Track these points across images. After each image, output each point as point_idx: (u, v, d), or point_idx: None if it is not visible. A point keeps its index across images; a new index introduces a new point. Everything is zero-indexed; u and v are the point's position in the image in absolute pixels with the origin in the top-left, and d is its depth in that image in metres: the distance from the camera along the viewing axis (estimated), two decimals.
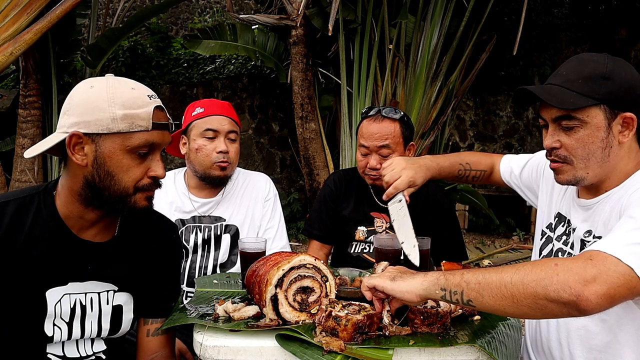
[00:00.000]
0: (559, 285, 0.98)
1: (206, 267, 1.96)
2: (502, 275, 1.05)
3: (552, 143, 1.28)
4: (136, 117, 1.17)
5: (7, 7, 4.12)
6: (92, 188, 1.20)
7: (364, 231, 2.04)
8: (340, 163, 5.44)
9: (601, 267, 0.99)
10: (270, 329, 1.21)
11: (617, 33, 6.91)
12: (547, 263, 1.03)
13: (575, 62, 1.28)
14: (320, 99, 5.65)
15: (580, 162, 1.25)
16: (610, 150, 1.23)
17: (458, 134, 7.12)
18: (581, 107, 1.21)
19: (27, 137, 4.87)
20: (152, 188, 1.25)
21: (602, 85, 1.21)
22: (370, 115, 1.98)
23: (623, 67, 1.24)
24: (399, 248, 1.62)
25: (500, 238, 5.90)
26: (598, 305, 0.97)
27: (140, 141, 1.18)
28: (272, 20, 5.37)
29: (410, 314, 1.22)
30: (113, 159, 1.18)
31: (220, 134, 1.91)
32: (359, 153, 2.00)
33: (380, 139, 1.92)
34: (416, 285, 1.13)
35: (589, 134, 1.22)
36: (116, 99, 1.16)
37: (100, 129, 1.16)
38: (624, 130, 1.23)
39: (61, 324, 1.27)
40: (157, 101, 1.23)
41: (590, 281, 0.97)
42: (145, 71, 7.01)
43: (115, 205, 1.23)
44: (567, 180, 1.30)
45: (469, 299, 1.07)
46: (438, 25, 5.21)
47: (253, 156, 6.86)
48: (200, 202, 1.99)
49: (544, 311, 1.01)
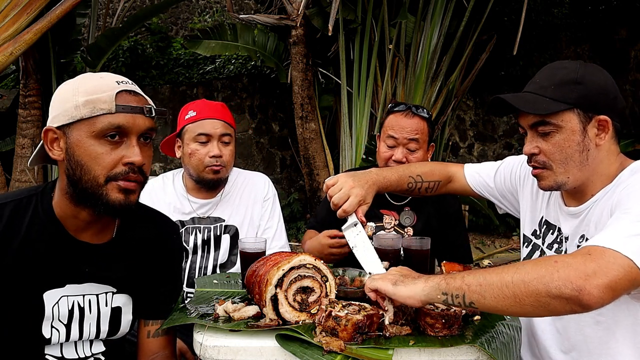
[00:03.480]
0: (560, 282, 0.98)
1: (206, 268, 1.96)
2: (502, 275, 1.05)
3: (530, 149, 1.31)
4: (97, 101, 1.14)
5: (7, 7, 4.12)
6: (71, 183, 1.18)
7: (372, 227, 2.05)
8: (340, 163, 5.44)
9: (600, 260, 1.00)
10: (270, 329, 1.21)
11: (617, 33, 6.91)
12: (547, 260, 1.04)
13: (547, 70, 1.33)
14: (320, 99, 5.65)
15: (559, 166, 1.27)
16: (588, 154, 1.26)
17: (458, 134, 7.12)
18: (554, 112, 1.24)
19: (27, 137, 4.88)
20: (129, 177, 1.16)
21: (574, 89, 1.24)
22: (400, 110, 2.00)
23: (595, 72, 1.28)
24: (399, 248, 1.62)
25: (500, 238, 5.90)
26: (600, 298, 0.97)
27: (104, 124, 1.13)
28: (272, 20, 5.37)
29: (430, 318, 1.20)
30: (81, 147, 1.15)
31: (213, 137, 1.91)
32: (384, 145, 2.00)
33: (411, 132, 1.95)
34: (417, 290, 1.13)
35: (564, 138, 1.25)
36: (80, 88, 1.16)
37: (66, 119, 1.15)
38: (600, 133, 1.26)
39: (59, 326, 1.26)
40: (127, 86, 1.18)
41: (590, 275, 0.98)
42: (145, 71, 7.01)
43: (90, 200, 1.17)
44: (549, 186, 1.31)
45: (471, 301, 1.07)
46: (438, 25, 5.21)
47: (253, 156, 6.86)
48: (199, 203, 1.99)
49: (547, 308, 1.01)
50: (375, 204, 2.05)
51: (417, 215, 2.04)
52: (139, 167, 1.18)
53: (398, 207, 2.06)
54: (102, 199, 1.16)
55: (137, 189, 1.21)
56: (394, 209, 2.06)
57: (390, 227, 2.04)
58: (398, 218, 2.05)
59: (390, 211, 2.06)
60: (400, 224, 2.04)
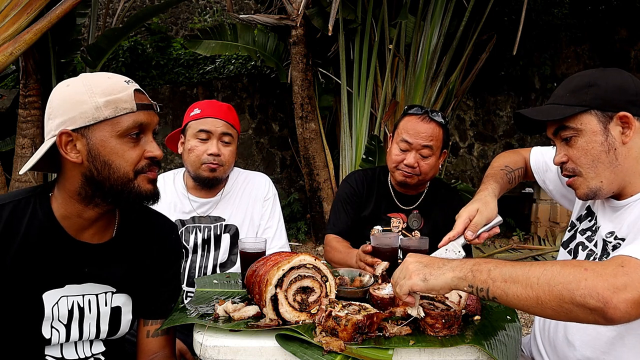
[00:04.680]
0: (586, 291, 0.95)
1: (206, 267, 1.96)
2: (529, 275, 1.02)
3: (559, 159, 1.31)
4: (119, 101, 1.17)
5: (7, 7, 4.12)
6: (92, 183, 1.20)
7: (379, 231, 2.04)
8: (340, 163, 5.44)
9: (633, 274, 0.96)
10: (270, 329, 1.21)
11: (617, 33, 6.92)
12: (577, 266, 1.00)
13: (565, 81, 1.34)
14: (320, 99, 5.65)
15: (589, 170, 1.26)
16: (616, 153, 1.24)
17: (458, 134, 7.12)
18: (570, 116, 1.25)
19: (27, 137, 4.88)
20: (152, 169, 1.24)
21: (588, 92, 1.24)
22: (416, 113, 1.96)
23: (611, 73, 1.27)
24: (397, 247, 1.61)
25: (500, 238, 5.89)
26: (627, 313, 0.94)
27: (129, 123, 1.18)
28: (272, 20, 5.37)
29: (430, 318, 1.21)
30: (106, 147, 1.17)
31: (214, 135, 1.91)
32: (397, 148, 1.97)
33: (426, 138, 1.92)
34: (447, 280, 1.12)
35: (587, 140, 1.25)
36: (95, 89, 1.17)
37: (86, 121, 1.16)
38: (625, 130, 1.24)
39: (59, 326, 1.26)
40: (135, 85, 1.23)
41: (620, 289, 0.94)
42: (145, 71, 7.01)
43: (120, 195, 1.21)
44: (585, 194, 1.30)
45: (494, 296, 1.06)
46: (438, 25, 5.21)
47: (253, 156, 6.86)
48: (199, 202, 1.99)
49: (568, 315, 0.99)
50: (384, 208, 2.06)
51: (425, 219, 2.05)
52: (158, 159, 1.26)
53: (406, 210, 2.06)
54: (134, 192, 1.22)
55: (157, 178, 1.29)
56: (402, 212, 2.06)
57: (397, 231, 2.05)
58: (406, 221, 2.05)
59: (398, 214, 2.06)
60: (408, 227, 2.05)
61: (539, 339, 1.50)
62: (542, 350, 1.47)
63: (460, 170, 7.16)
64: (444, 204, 2.06)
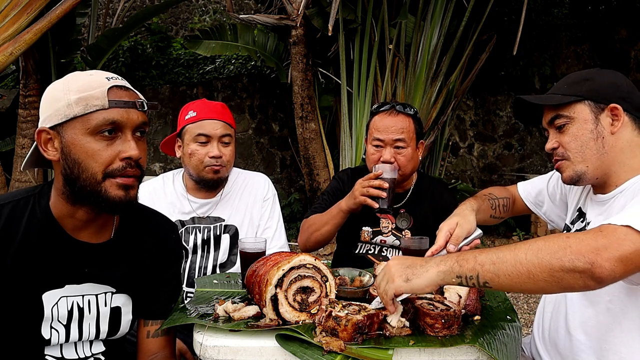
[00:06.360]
0: (573, 256, 1.01)
1: (206, 268, 1.96)
2: (516, 252, 1.06)
3: (551, 145, 1.40)
4: (90, 98, 1.14)
5: (7, 7, 4.12)
6: (68, 182, 1.18)
7: (369, 232, 2.02)
8: (340, 163, 5.44)
9: (611, 236, 1.02)
10: (270, 329, 1.21)
11: (617, 33, 6.92)
12: (559, 237, 1.06)
13: (564, 77, 1.45)
14: (320, 99, 5.65)
15: (576, 155, 1.34)
16: (604, 141, 1.31)
17: (458, 134, 7.12)
18: (566, 104, 1.35)
19: (27, 137, 4.88)
20: (127, 172, 1.17)
21: (584, 84, 1.35)
22: (383, 109, 1.96)
23: (607, 72, 1.38)
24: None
25: (500, 238, 5.90)
26: (612, 271, 0.99)
27: (98, 120, 1.13)
28: (272, 20, 5.37)
29: (430, 318, 1.20)
30: (77, 145, 1.14)
31: (213, 138, 1.91)
32: (371, 147, 1.96)
33: (396, 132, 1.91)
34: (432, 277, 1.12)
35: (578, 127, 1.33)
36: (71, 86, 1.16)
37: (59, 118, 1.15)
38: (614, 122, 1.32)
39: (58, 326, 1.26)
40: (117, 81, 1.18)
41: (602, 249, 1.00)
42: (145, 71, 7.01)
43: (90, 198, 1.16)
44: (569, 177, 1.37)
45: (485, 281, 1.07)
46: (438, 25, 5.21)
47: (253, 156, 6.86)
48: (198, 203, 1.99)
49: (560, 284, 1.02)
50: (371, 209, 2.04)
51: (413, 217, 2.02)
52: (136, 161, 1.18)
53: (394, 209, 2.01)
54: (102, 196, 1.16)
55: (136, 183, 1.21)
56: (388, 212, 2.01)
57: (387, 232, 2.02)
58: (395, 222, 2.03)
59: (386, 215, 2.03)
60: (397, 227, 2.02)
61: (539, 338, 1.50)
62: (543, 350, 1.48)
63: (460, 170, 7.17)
64: (432, 199, 2.03)
